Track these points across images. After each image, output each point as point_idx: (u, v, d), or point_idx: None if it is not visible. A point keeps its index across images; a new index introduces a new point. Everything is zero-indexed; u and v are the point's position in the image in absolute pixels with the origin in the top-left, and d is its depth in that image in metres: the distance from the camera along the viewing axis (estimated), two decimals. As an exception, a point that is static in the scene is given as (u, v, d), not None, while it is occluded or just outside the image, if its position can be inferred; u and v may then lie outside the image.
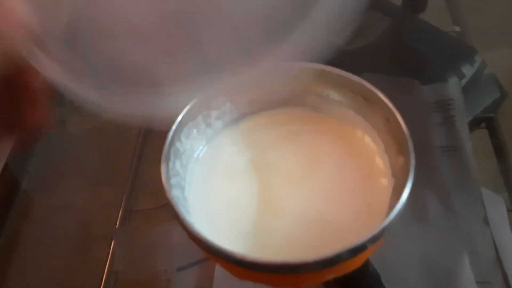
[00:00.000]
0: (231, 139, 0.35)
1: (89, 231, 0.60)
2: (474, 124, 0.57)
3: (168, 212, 0.56)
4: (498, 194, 0.50)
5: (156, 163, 0.59)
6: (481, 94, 0.58)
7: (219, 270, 0.45)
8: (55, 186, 0.63)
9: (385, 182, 0.30)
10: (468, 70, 0.57)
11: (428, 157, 0.51)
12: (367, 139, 0.33)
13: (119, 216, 0.56)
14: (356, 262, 0.27)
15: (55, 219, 0.60)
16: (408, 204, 0.26)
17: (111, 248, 0.52)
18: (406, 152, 0.27)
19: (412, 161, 0.26)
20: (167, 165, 0.30)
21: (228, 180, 0.33)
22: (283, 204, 0.31)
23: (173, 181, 0.30)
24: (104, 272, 0.51)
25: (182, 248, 0.50)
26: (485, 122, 0.58)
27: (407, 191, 0.25)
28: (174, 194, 0.29)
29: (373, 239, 0.24)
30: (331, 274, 0.26)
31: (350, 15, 0.26)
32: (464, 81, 0.56)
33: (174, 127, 0.31)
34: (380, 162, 0.31)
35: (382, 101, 0.30)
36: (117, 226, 0.55)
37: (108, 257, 0.52)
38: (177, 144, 0.31)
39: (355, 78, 0.31)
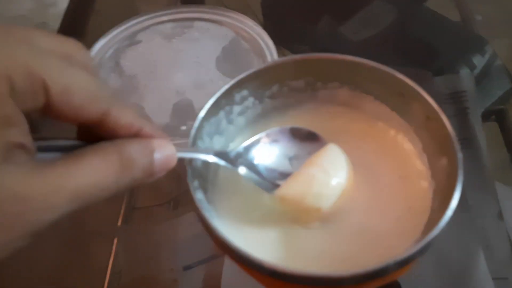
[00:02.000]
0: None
1: (88, 230, 0.58)
2: (484, 116, 0.56)
3: (170, 209, 0.55)
4: (507, 183, 0.50)
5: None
6: (492, 86, 0.57)
7: (227, 269, 0.43)
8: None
9: (425, 184, 0.28)
10: (479, 61, 0.56)
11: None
12: (402, 138, 0.31)
13: (121, 214, 0.54)
14: (399, 274, 0.25)
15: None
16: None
17: (114, 247, 0.50)
18: (451, 153, 0.25)
19: (460, 163, 0.24)
20: (191, 165, 0.27)
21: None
22: (316, 217, 0.29)
23: (195, 183, 0.28)
24: (107, 273, 0.49)
25: (188, 246, 0.49)
26: (495, 114, 0.57)
27: (457, 195, 0.24)
28: (198, 197, 0.27)
29: (424, 249, 0.22)
30: (372, 286, 0.25)
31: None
32: (475, 72, 0.55)
33: (197, 125, 0.29)
34: (418, 162, 0.30)
35: (422, 97, 0.28)
36: (119, 224, 0.53)
37: (110, 257, 0.50)
38: (199, 143, 0.29)
39: (391, 71, 0.29)
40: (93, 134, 0.22)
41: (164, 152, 0.23)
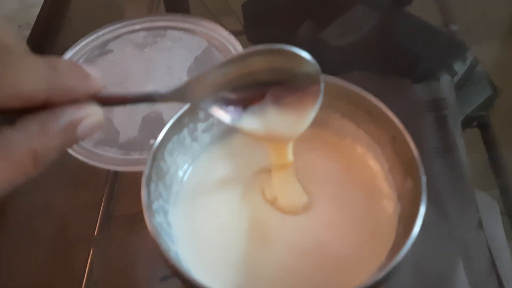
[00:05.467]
0: (220, 157, 0.32)
1: (68, 236, 0.57)
2: (466, 123, 0.56)
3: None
4: (488, 191, 0.49)
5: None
6: (473, 92, 0.57)
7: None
8: (31, 187, 0.60)
9: (390, 206, 0.28)
10: (460, 68, 0.56)
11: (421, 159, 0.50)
12: (369, 157, 0.30)
13: (98, 223, 0.53)
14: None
15: (31, 222, 0.57)
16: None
17: (90, 257, 0.50)
18: (416, 175, 0.25)
19: (424, 187, 0.24)
20: (148, 188, 0.26)
21: (217, 202, 0.30)
22: (277, 231, 0.28)
23: (155, 205, 0.27)
24: (82, 283, 0.48)
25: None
26: (476, 120, 0.57)
27: (419, 222, 0.23)
28: (156, 221, 0.26)
29: (382, 280, 0.22)
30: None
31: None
32: (456, 79, 0.55)
33: (156, 145, 0.28)
34: (384, 183, 0.29)
35: (388, 117, 0.27)
36: (95, 233, 0.52)
37: (86, 266, 0.49)
38: (161, 163, 0.28)
39: (358, 90, 0.28)
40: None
41: (86, 124, 0.21)
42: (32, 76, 0.19)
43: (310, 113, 0.27)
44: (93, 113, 0.21)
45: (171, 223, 0.28)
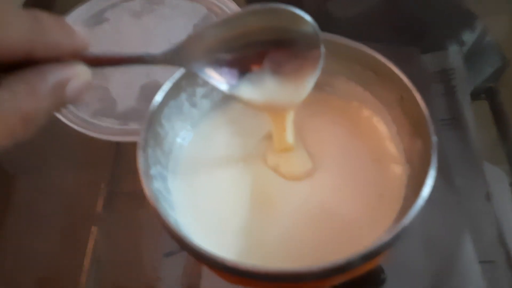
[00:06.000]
0: (221, 123, 0.31)
1: (72, 213, 0.57)
2: (474, 94, 0.55)
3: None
4: (496, 163, 0.49)
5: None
6: (482, 63, 0.55)
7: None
8: (38, 167, 0.59)
9: (398, 169, 0.27)
10: (468, 37, 0.54)
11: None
12: (376, 119, 0.29)
13: (102, 200, 0.53)
14: (369, 266, 0.23)
15: (38, 202, 0.57)
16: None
17: (94, 234, 0.49)
18: (426, 136, 0.24)
19: (434, 145, 0.23)
20: (145, 152, 0.26)
21: (218, 169, 0.29)
22: (280, 196, 0.27)
23: (153, 171, 0.26)
24: (87, 259, 0.48)
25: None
26: (485, 92, 0.56)
27: (430, 182, 0.22)
28: (154, 186, 0.25)
29: (392, 241, 0.21)
30: (339, 280, 0.23)
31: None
32: (464, 49, 0.53)
33: (152, 108, 0.27)
34: (392, 145, 0.28)
35: (397, 76, 0.26)
36: (100, 210, 0.52)
37: (91, 244, 0.49)
38: (157, 128, 0.27)
39: (364, 48, 0.27)
40: None
41: (74, 84, 0.20)
42: (14, 26, 0.18)
43: (310, 81, 0.26)
44: (81, 73, 0.20)
45: (170, 189, 0.28)
